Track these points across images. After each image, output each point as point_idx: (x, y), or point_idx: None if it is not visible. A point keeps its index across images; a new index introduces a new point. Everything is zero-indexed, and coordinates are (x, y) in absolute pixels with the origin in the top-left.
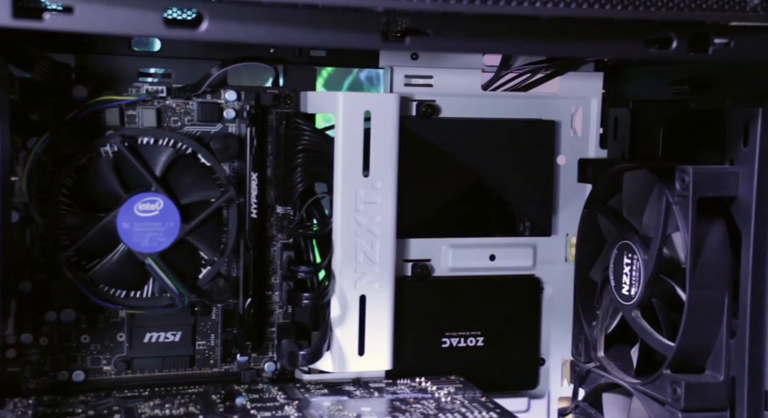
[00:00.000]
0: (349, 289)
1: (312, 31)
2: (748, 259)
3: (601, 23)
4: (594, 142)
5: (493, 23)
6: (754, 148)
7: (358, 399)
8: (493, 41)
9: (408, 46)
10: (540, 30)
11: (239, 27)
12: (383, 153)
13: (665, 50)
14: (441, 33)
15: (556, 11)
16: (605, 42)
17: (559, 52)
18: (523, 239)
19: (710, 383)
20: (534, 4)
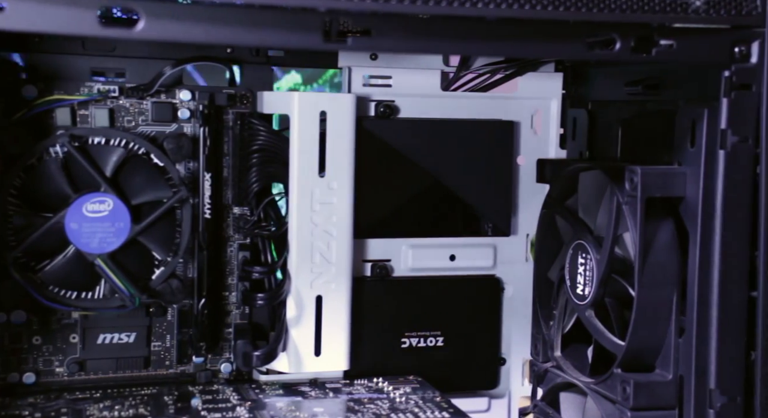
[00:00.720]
0: (305, 289)
1: (251, 31)
2: (695, 258)
3: (545, 24)
4: (554, 142)
5: (436, 24)
6: (701, 149)
7: (312, 400)
8: (436, 41)
9: (350, 46)
10: (484, 30)
11: (176, 26)
12: (339, 153)
13: (608, 51)
14: (383, 33)
15: (500, 12)
16: (548, 43)
17: (503, 53)
18: (484, 239)
19: (659, 382)
20: (476, 5)
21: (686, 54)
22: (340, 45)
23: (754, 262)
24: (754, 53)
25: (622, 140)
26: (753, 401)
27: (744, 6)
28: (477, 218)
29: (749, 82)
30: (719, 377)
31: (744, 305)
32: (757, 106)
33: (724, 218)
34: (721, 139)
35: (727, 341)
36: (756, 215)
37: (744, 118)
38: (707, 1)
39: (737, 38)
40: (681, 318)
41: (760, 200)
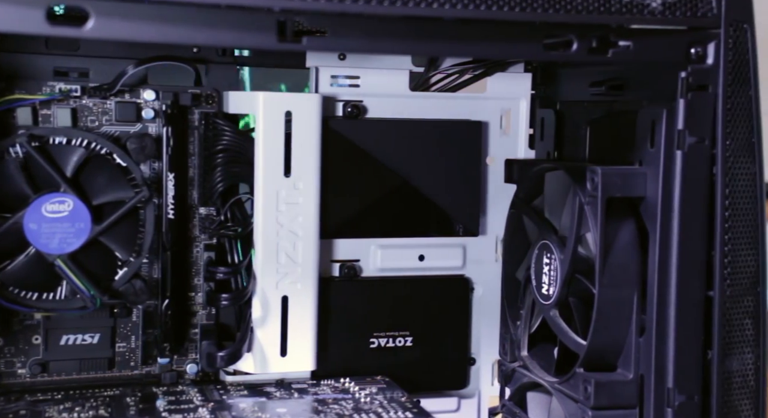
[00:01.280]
0: (271, 290)
1: (204, 30)
2: (655, 258)
3: (502, 25)
4: (523, 142)
5: (392, 24)
6: (659, 149)
7: (276, 400)
8: (392, 42)
9: (305, 47)
10: (440, 31)
11: (127, 25)
12: (305, 154)
13: (565, 52)
14: (339, 33)
15: (456, 13)
16: (505, 44)
17: (460, 54)
18: (453, 239)
19: (620, 381)
20: (432, 6)
21: (643, 55)
22: (295, 45)
23: (711, 262)
24: (710, 54)
25: (590, 141)
26: (710, 399)
27: (700, 8)
28: (446, 218)
29: (706, 83)
30: (677, 376)
31: (701, 305)
32: (713, 107)
33: (682, 218)
34: (678, 139)
35: (685, 340)
36: (712, 216)
37: (700, 119)
38: (664, 3)
39: (693, 40)
40: (642, 318)
41: (716, 201)
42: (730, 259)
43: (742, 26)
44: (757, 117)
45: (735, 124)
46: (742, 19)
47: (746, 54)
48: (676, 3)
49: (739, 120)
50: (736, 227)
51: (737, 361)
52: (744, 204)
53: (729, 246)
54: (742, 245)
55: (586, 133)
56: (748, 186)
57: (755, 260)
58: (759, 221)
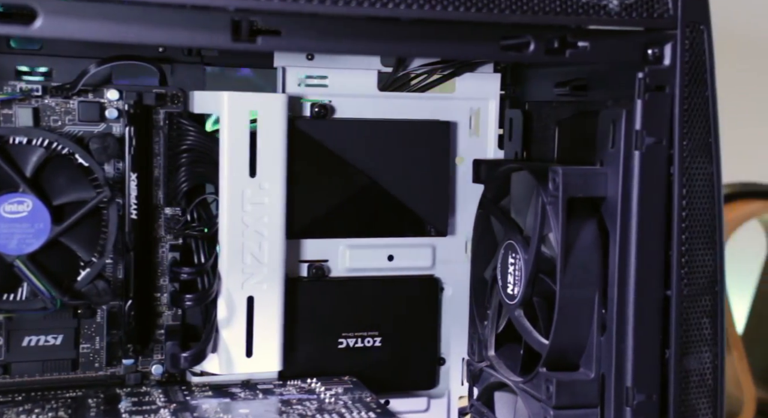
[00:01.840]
0: (236, 290)
1: (156, 29)
2: (615, 258)
3: (459, 25)
4: (492, 143)
5: (348, 24)
6: (619, 150)
7: (241, 401)
8: (347, 42)
9: (259, 46)
10: (396, 31)
11: (76, 24)
12: (271, 154)
13: (522, 53)
14: (294, 33)
15: (412, 13)
16: (462, 44)
17: (415, 54)
18: (422, 239)
19: (581, 381)
20: (387, 6)
21: (599, 56)
22: (250, 45)
23: (669, 261)
24: (667, 55)
25: (558, 141)
26: (668, 398)
27: (656, 9)
28: (415, 218)
29: (663, 84)
30: (636, 375)
31: (659, 304)
32: (670, 107)
33: (640, 218)
34: (636, 140)
35: (643, 339)
36: (670, 215)
37: (658, 120)
38: (622, 4)
39: (650, 41)
40: (603, 317)
41: (673, 201)
42: (687, 258)
43: (699, 27)
44: (715, 118)
45: (692, 125)
46: (699, 21)
47: (703, 55)
48: (634, 4)
49: (696, 121)
50: (693, 226)
51: (695, 360)
52: (701, 204)
53: (686, 246)
54: (699, 244)
55: (555, 134)
56: (705, 186)
57: (713, 260)
58: (717, 221)
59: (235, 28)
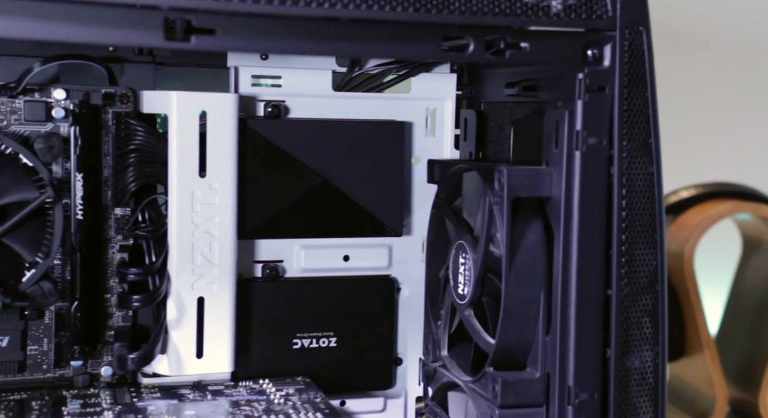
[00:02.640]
0: (186, 291)
1: (86, 27)
2: (558, 258)
3: (398, 25)
4: (449, 143)
5: (285, 23)
6: (562, 150)
7: (188, 402)
8: (283, 41)
9: (193, 46)
10: (335, 31)
11: (3, 21)
12: (221, 154)
13: (462, 53)
14: (229, 32)
15: (349, 13)
16: (401, 44)
17: (355, 53)
18: (378, 239)
19: (527, 380)
20: (323, 5)
21: (539, 56)
22: (184, 44)
23: (610, 261)
24: (607, 56)
25: (513, 141)
26: (608, 397)
27: (595, 10)
28: (370, 218)
29: (603, 85)
30: (577, 374)
31: (600, 303)
32: (610, 108)
33: (581, 218)
34: (576, 140)
35: (585, 338)
36: (611, 215)
37: (598, 120)
38: (564, 5)
39: (589, 41)
40: (549, 317)
41: (613, 201)
42: (627, 258)
43: (638, 29)
44: (655, 118)
45: (632, 125)
46: (638, 22)
47: (642, 56)
48: (575, 5)
49: (635, 121)
50: (633, 226)
51: (636, 359)
52: (641, 204)
53: (626, 245)
54: (639, 244)
55: (510, 134)
56: (645, 186)
57: (653, 259)
58: (657, 221)
59: (169, 27)
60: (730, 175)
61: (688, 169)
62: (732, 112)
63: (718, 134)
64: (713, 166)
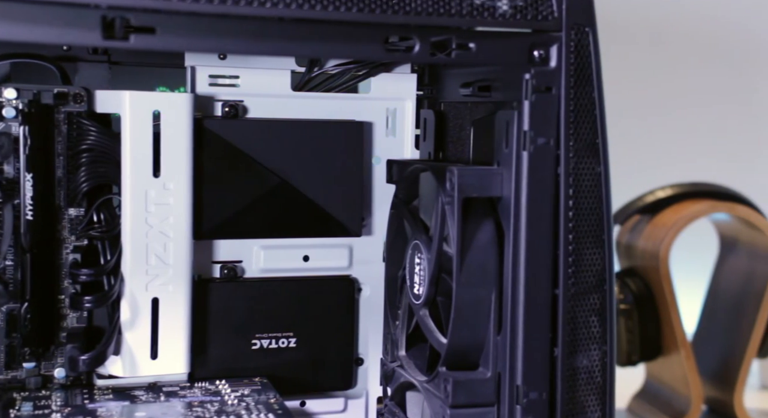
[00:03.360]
0: (140, 291)
1: (22, 26)
2: (509, 257)
3: (341, 25)
4: (410, 143)
5: (226, 22)
6: (512, 150)
7: (140, 404)
8: (226, 41)
9: (132, 45)
10: (278, 30)
11: None
12: (175, 154)
13: (408, 53)
14: (169, 31)
15: (292, 12)
16: (344, 44)
17: (298, 53)
18: (338, 239)
19: (478, 380)
20: (264, 5)
21: (485, 57)
22: (122, 43)
23: (557, 261)
24: (553, 57)
25: (473, 141)
26: (556, 396)
27: (541, 11)
28: (329, 218)
29: (550, 85)
30: (525, 374)
31: (548, 303)
32: (557, 108)
33: (529, 218)
34: (524, 140)
35: (533, 338)
36: (558, 215)
37: (545, 121)
38: (512, 5)
39: (536, 42)
40: (500, 316)
41: (560, 201)
42: (574, 258)
43: (584, 30)
44: (602, 118)
45: (579, 126)
46: (584, 23)
47: (589, 57)
48: (521, 6)
49: (582, 121)
50: (580, 226)
51: (584, 358)
52: (589, 204)
53: (573, 245)
54: (587, 244)
55: (470, 134)
56: (592, 186)
57: (601, 259)
58: (605, 221)
59: (107, 26)
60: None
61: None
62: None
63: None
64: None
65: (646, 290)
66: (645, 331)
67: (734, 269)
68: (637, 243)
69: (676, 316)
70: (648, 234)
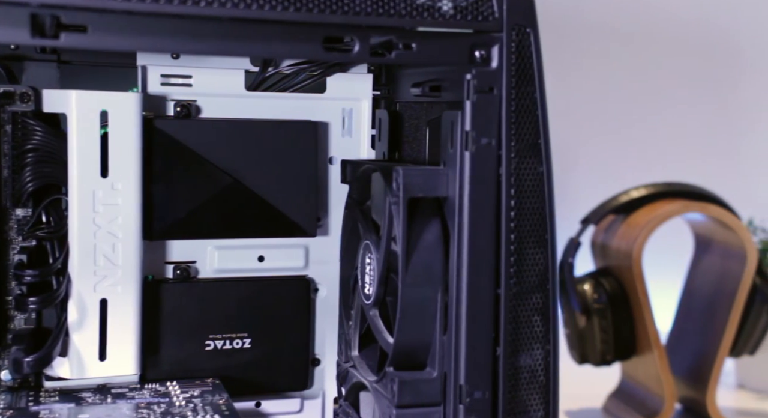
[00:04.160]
0: (88, 292)
1: None
2: (454, 257)
3: (279, 25)
4: (366, 143)
5: (159, 21)
6: (456, 150)
7: (85, 406)
8: (159, 40)
9: (63, 43)
10: (215, 29)
11: None
12: (124, 154)
13: (348, 53)
14: (100, 29)
15: (227, 11)
16: (283, 43)
17: (234, 52)
18: (294, 240)
19: (424, 380)
20: (199, 4)
21: (426, 57)
22: (52, 41)
23: (499, 260)
24: (494, 57)
25: (429, 141)
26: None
27: (482, 11)
28: (284, 218)
29: (491, 86)
30: (468, 373)
31: (490, 302)
32: (499, 109)
33: (471, 218)
34: (466, 140)
35: (475, 337)
36: (500, 216)
37: (487, 121)
38: (455, 6)
39: (477, 43)
40: (446, 316)
41: (501, 201)
42: (516, 257)
43: (525, 30)
44: (544, 118)
45: (520, 126)
46: (525, 24)
47: (530, 57)
48: (461, 7)
49: (524, 122)
50: (522, 226)
51: (527, 357)
52: (530, 204)
53: (515, 245)
54: (529, 243)
55: (426, 134)
56: (534, 186)
57: (544, 258)
58: (547, 220)
59: (36, 24)
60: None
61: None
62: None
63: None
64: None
65: (620, 289)
66: (619, 330)
67: (708, 268)
68: (612, 243)
69: (649, 315)
70: (622, 234)
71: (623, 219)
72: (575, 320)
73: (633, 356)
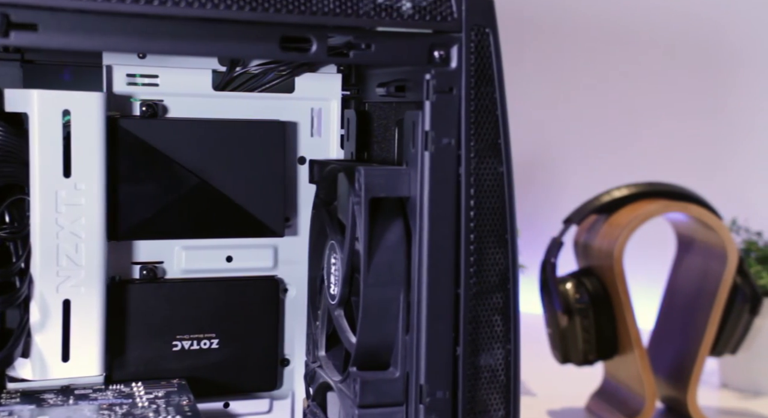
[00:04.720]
0: (51, 293)
1: None
2: (415, 257)
3: (234, 24)
4: (335, 143)
5: (114, 20)
6: (418, 150)
7: (46, 408)
8: (113, 39)
9: (13, 41)
10: (169, 28)
11: None
12: (87, 154)
13: (305, 53)
14: (51, 28)
15: (183, 11)
16: (239, 43)
17: (188, 52)
18: (263, 240)
19: (386, 380)
20: (152, 2)
21: (384, 57)
22: (2, 39)
23: (459, 260)
24: (454, 58)
25: (398, 141)
26: (458, 394)
27: (441, 12)
28: (251, 218)
29: (451, 86)
30: (428, 373)
31: (450, 302)
32: (458, 109)
33: (432, 218)
34: (426, 140)
35: (435, 337)
36: (459, 216)
37: (446, 121)
38: (411, 5)
39: (436, 43)
40: (408, 316)
41: (461, 201)
42: (476, 257)
43: (484, 31)
44: (504, 118)
45: (480, 126)
46: (484, 24)
47: (489, 57)
48: (420, 7)
49: (483, 122)
50: (482, 226)
51: (487, 356)
52: (491, 204)
53: (475, 245)
54: (489, 243)
55: (395, 134)
56: (494, 186)
57: (504, 258)
58: (508, 220)
59: None
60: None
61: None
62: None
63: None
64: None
65: (602, 289)
66: (601, 330)
67: (690, 267)
68: (594, 243)
69: (630, 315)
70: (604, 234)
71: (605, 219)
72: (557, 320)
73: (615, 356)
